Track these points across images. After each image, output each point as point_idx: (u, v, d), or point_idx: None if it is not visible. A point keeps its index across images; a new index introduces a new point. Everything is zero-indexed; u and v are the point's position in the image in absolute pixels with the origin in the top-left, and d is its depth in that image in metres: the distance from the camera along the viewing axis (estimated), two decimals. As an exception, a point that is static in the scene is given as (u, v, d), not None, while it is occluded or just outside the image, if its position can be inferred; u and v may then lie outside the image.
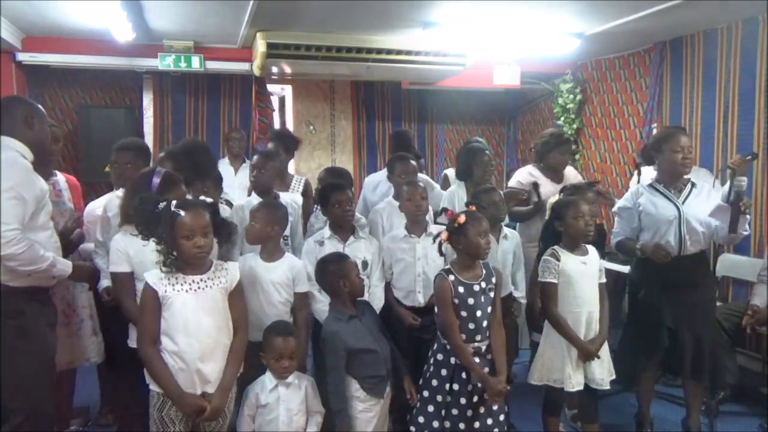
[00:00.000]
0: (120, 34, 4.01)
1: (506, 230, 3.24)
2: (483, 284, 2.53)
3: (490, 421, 2.49)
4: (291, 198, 3.35)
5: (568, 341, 2.68)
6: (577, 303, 2.72)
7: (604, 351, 2.77)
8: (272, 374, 2.44)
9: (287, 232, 3.01)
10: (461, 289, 2.49)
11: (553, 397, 2.84)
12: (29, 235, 2.22)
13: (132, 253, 2.40)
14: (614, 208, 3.18)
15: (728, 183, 3.19)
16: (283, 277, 2.69)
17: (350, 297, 2.56)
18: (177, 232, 2.09)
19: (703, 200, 3.01)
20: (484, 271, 2.56)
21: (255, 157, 3.31)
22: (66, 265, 2.38)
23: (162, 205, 2.12)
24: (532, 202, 3.67)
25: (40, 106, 2.50)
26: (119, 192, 2.98)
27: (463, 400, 2.45)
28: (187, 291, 2.14)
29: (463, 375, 2.46)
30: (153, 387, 2.18)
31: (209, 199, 2.24)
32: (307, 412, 2.49)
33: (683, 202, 2.98)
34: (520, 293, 3.28)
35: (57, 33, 4.48)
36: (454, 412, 2.45)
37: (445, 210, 2.66)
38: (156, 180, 2.55)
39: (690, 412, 3.11)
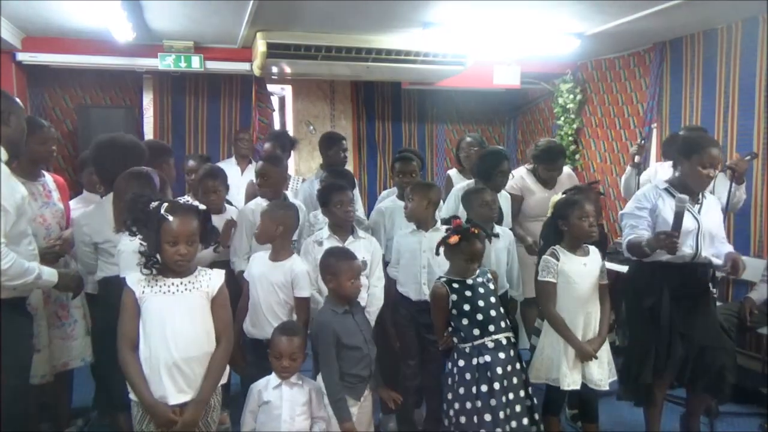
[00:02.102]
0: (120, 34, 4.02)
1: (498, 228, 3.23)
2: (479, 279, 2.59)
3: (525, 421, 2.49)
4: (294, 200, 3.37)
5: (566, 341, 2.69)
6: (575, 303, 2.72)
7: (604, 352, 2.77)
8: (275, 373, 2.44)
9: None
10: (456, 286, 2.53)
11: (553, 396, 2.84)
12: (10, 248, 2.08)
13: None
14: (625, 210, 2.91)
15: (730, 188, 3.17)
16: (281, 279, 2.67)
17: (337, 296, 2.54)
18: (162, 236, 2.02)
19: (714, 212, 2.86)
20: (477, 270, 2.64)
21: (259, 164, 3.25)
22: (51, 275, 2.24)
23: (154, 204, 2.04)
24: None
25: (17, 99, 2.32)
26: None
27: (493, 402, 2.43)
28: (165, 293, 2.06)
29: (488, 373, 2.45)
30: (131, 395, 2.09)
31: (202, 206, 2.15)
32: (311, 417, 2.48)
33: (698, 213, 2.78)
34: (515, 291, 3.28)
35: (57, 33, 4.48)
36: (487, 417, 2.42)
37: (455, 217, 2.67)
38: (157, 180, 2.55)
39: (690, 414, 3.09)
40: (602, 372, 2.72)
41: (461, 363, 2.50)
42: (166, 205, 2.05)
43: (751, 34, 3.96)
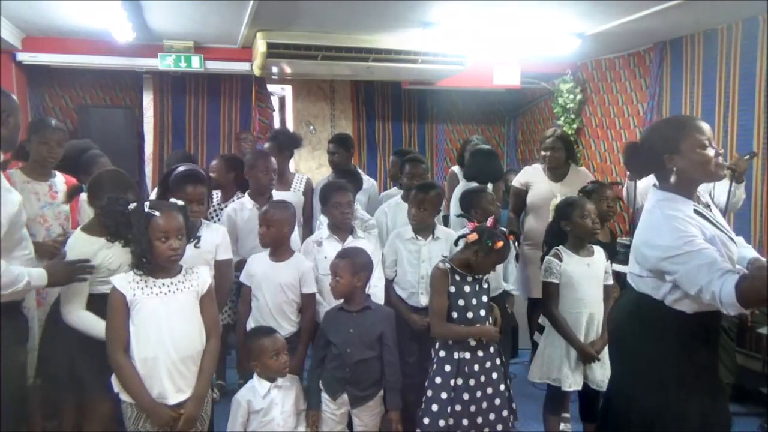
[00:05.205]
0: (120, 34, 4.02)
1: None
2: (477, 276, 2.56)
3: (492, 416, 2.49)
4: (293, 197, 3.37)
5: (568, 342, 2.70)
6: (578, 304, 2.73)
7: (606, 353, 2.76)
8: (269, 374, 2.41)
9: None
10: (457, 278, 2.51)
11: (555, 396, 2.85)
12: (4, 256, 2.03)
13: None
14: (665, 254, 1.86)
15: (729, 188, 3.11)
16: (289, 278, 2.68)
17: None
18: (151, 233, 2.02)
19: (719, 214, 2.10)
20: None
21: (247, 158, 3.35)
22: (40, 278, 2.15)
23: (132, 206, 2.05)
24: None
25: (13, 97, 2.22)
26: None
27: (466, 396, 2.45)
28: (157, 295, 2.05)
29: (466, 369, 2.46)
30: (123, 397, 2.07)
31: (180, 202, 2.17)
32: (298, 411, 2.50)
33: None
34: (511, 285, 3.29)
35: (57, 33, 4.48)
36: (458, 408, 2.45)
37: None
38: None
39: None
40: (605, 373, 2.72)
41: (442, 353, 2.51)
42: (149, 202, 2.07)
43: (751, 34, 3.95)
